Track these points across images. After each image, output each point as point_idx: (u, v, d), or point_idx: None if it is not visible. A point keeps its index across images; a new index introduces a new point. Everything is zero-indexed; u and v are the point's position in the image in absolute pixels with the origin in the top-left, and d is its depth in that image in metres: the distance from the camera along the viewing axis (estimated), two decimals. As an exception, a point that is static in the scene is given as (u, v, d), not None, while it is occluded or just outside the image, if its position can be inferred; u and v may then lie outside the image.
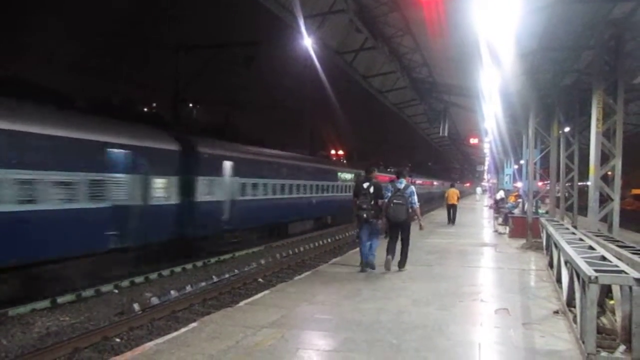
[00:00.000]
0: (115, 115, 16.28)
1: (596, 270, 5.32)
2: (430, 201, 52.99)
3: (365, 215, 9.89)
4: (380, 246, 10.38)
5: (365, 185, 9.96)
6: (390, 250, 10.03)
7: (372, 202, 9.85)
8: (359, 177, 10.44)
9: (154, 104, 38.77)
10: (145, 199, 13.61)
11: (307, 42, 14.00)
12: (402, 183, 10.08)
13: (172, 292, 11.74)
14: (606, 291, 6.42)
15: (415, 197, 10.13)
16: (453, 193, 22.72)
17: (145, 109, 38.68)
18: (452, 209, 22.20)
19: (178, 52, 22.95)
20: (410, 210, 9.93)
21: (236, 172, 17.86)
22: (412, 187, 10.27)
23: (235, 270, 14.65)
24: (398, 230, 10.12)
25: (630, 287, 5.20)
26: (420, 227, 11.31)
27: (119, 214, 12.47)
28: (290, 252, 18.45)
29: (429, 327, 6.46)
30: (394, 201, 9.83)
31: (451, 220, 22.05)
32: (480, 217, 28.69)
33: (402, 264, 10.26)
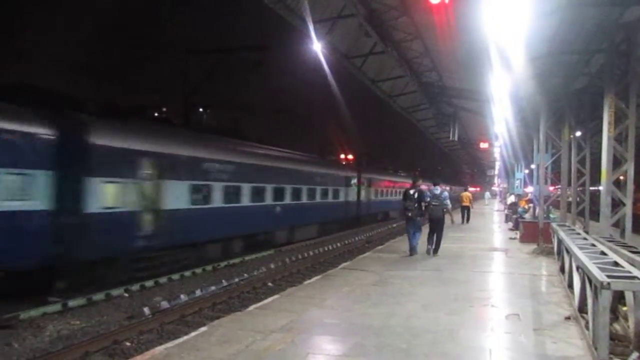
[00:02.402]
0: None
1: (608, 276, 5.27)
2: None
3: (410, 215, 12.73)
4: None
5: (412, 191, 12.83)
6: (429, 241, 13.19)
7: (416, 205, 12.66)
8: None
9: (164, 109, 38.86)
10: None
11: (317, 47, 14.06)
12: (438, 190, 13.37)
13: (182, 296, 11.76)
14: (619, 297, 6.37)
15: (448, 200, 13.65)
16: (466, 196, 25.94)
17: (156, 114, 38.77)
18: (465, 210, 25.12)
19: (188, 56, 23.05)
20: (444, 210, 13.36)
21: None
22: (446, 192, 13.70)
23: (245, 275, 14.65)
24: (435, 225, 13.16)
25: (643, 293, 5.15)
26: (452, 222, 15.50)
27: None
28: (300, 256, 18.43)
29: (438, 332, 6.43)
30: (433, 204, 12.96)
31: (465, 220, 24.55)
32: (490, 221, 28.53)
33: (436, 251, 13.16)
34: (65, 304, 10.65)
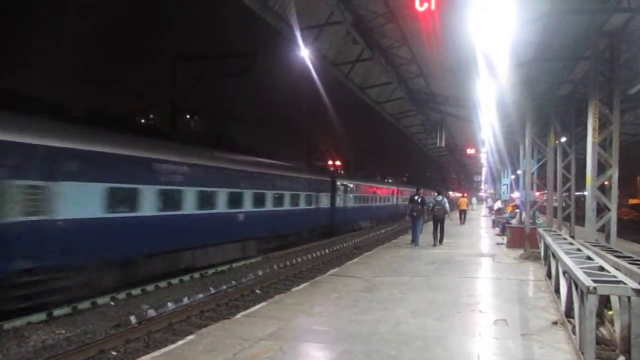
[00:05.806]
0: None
1: (594, 281, 5.31)
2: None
3: (415, 215, 16.81)
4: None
5: (416, 197, 16.99)
6: (434, 234, 17.36)
7: (420, 207, 16.78)
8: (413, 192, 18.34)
9: (151, 115, 38.66)
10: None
11: (304, 54, 14.09)
12: (440, 197, 17.78)
13: (169, 304, 11.65)
14: (605, 302, 6.42)
15: (447, 205, 17.94)
16: (463, 201, 32.33)
17: (143, 120, 38.54)
18: (462, 213, 30.36)
19: (176, 64, 22.96)
20: (445, 212, 17.47)
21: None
22: (445, 199, 18.04)
23: (233, 282, 14.55)
24: (438, 223, 17.37)
25: (629, 298, 5.19)
26: (450, 219, 20.16)
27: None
28: (288, 263, 18.37)
29: (427, 338, 6.43)
30: (436, 207, 17.36)
31: (462, 221, 29.15)
32: (477, 226, 28.67)
33: (440, 241, 17.21)
34: (50, 313, 10.50)
